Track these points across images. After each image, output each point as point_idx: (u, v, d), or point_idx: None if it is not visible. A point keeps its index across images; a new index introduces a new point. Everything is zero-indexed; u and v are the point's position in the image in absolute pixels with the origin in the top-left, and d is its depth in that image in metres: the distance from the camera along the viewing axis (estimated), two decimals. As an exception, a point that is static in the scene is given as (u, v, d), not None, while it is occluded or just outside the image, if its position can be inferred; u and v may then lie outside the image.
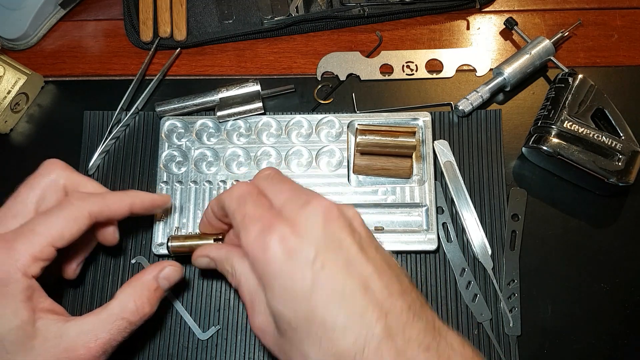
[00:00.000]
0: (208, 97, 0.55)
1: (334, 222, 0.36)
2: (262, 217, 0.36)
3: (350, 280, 0.34)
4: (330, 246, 0.35)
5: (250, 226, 0.36)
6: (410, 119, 0.54)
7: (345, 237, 0.36)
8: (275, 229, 0.35)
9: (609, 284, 0.50)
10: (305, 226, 0.35)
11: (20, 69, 0.55)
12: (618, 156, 0.50)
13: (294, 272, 0.34)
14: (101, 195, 0.43)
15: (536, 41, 0.56)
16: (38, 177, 0.43)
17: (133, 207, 0.44)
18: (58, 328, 0.38)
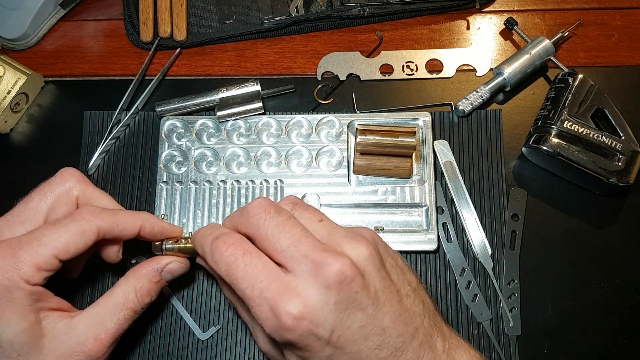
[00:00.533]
0: (208, 97, 0.55)
1: (349, 288, 0.34)
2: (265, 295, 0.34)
3: (365, 342, 0.35)
4: (345, 314, 0.34)
5: (256, 309, 0.35)
6: (410, 119, 0.54)
7: (362, 299, 0.34)
8: (286, 312, 0.33)
9: (609, 284, 0.50)
10: (318, 300, 0.34)
11: (20, 69, 0.55)
12: (618, 156, 0.50)
13: (313, 348, 0.34)
14: (113, 212, 0.42)
15: (536, 41, 0.56)
16: (52, 186, 0.42)
17: (142, 230, 0.43)
18: (66, 324, 0.39)
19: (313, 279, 0.34)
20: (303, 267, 0.34)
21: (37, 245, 0.38)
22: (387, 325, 0.35)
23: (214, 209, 0.52)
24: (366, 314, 0.34)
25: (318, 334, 0.34)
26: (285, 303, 0.33)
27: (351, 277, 0.34)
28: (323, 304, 0.34)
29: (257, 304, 0.34)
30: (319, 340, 0.34)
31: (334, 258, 0.34)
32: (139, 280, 0.42)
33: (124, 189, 0.54)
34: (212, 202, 0.52)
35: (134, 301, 0.41)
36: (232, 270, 0.36)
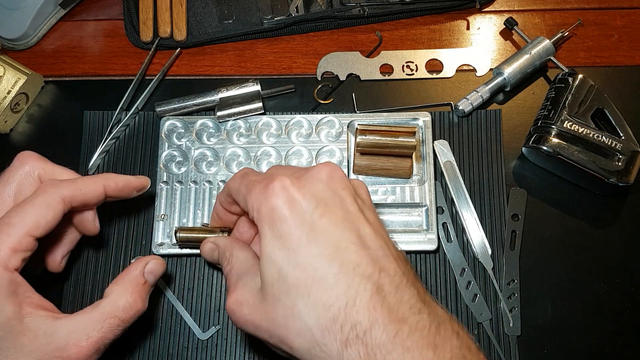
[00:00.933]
0: (208, 97, 0.55)
1: (338, 181, 0.37)
2: (266, 177, 0.38)
3: (347, 233, 0.34)
4: (330, 201, 0.36)
5: (254, 187, 0.37)
6: (410, 119, 0.54)
7: (347, 196, 0.36)
8: (278, 179, 0.36)
9: (609, 284, 0.50)
10: (308, 180, 0.36)
11: (20, 69, 0.55)
12: (618, 156, 0.50)
13: (293, 220, 0.34)
14: (73, 180, 0.42)
15: (536, 41, 0.56)
16: (13, 171, 0.42)
17: (107, 189, 0.43)
18: (48, 325, 0.37)
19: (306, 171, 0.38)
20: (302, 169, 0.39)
21: (8, 228, 0.38)
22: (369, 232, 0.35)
23: (214, 209, 0.52)
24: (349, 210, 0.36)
25: (303, 202, 0.35)
26: (280, 178, 0.36)
27: (340, 175, 0.37)
28: (312, 184, 0.36)
29: (258, 182, 0.37)
30: (303, 210, 0.35)
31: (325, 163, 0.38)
32: (125, 287, 0.41)
33: (124, 189, 0.54)
34: (212, 202, 0.52)
35: (124, 307, 0.40)
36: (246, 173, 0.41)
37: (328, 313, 0.32)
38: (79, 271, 0.51)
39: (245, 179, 0.39)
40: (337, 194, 0.36)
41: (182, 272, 0.51)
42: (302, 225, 0.34)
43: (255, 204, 0.36)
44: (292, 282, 0.34)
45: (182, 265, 0.51)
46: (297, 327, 0.33)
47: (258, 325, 0.36)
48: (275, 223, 0.35)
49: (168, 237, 0.51)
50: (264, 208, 0.36)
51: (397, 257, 0.35)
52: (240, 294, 0.37)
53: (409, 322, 0.32)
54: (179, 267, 0.51)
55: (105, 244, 0.52)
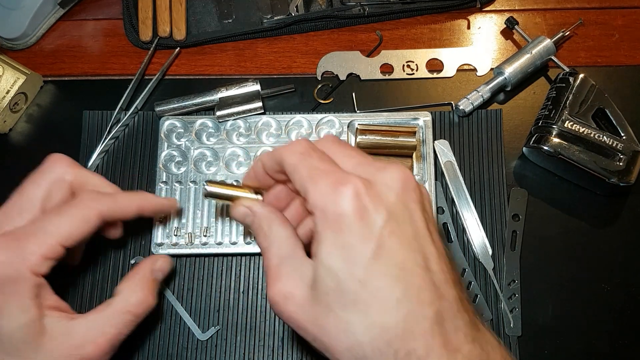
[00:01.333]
0: (208, 97, 0.54)
1: (410, 193, 0.34)
2: (334, 171, 0.34)
3: (414, 254, 0.33)
4: (402, 215, 0.33)
5: (320, 179, 0.33)
6: (410, 118, 0.54)
7: (417, 211, 0.34)
8: (351, 182, 0.33)
9: (609, 284, 0.50)
10: (381, 187, 0.33)
11: (19, 68, 0.55)
12: (619, 156, 0.50)
13: (362, 232, 0.32)
14: (112, 196, 0.43)
15: (537, 41, 0.55)
16: (44, 173, 0.42)
17: (141, 209, 0.44)
18: (64, 325, 0.39)
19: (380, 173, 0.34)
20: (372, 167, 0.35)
21: (43, 235, 0.38)
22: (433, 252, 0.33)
23: (213, 209, 0.52)
24: (418, 228, 0.34)
25: (375, 215, 0.32)
26: (353, 178, 0.33)
27: (413, 185, 0.34)
28: (386, 193, 0.33)
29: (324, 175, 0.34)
30: (374, 223, 0.32)
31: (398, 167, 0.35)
32: (136, 283, 0.43)
33: (123, 188, 0.53)
34: (212, 202, 0.52)
35: (136, 303, 0.42)
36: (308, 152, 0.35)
37: (384, 335, 0.31)
38: (79, 270, 0.51)
39: (308, 161, 0.35)
40: (408, 207, 0.34)
41: (181, 272, 0.51)
42: (370, 240, 0.32)
43: (320, 202, 0.33)
44: (351, 297, 0.32)
45: (181, 265, 0.51)
46: (348, 342, 0.32)
47: (304, 326, 0.34)
48: (341, 231, 0.32)
49: (167, 237, 0.51)
50: (331, 212, 0.33)
51: (455, 281, 0.34)
52: (287, 286, 0.35)
53: (463, 351, 0.31)
54: (178, 267, 0.51)
55: (105, 244, 0.52)
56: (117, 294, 0.42)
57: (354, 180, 0.33)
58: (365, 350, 0.31)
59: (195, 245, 0.51)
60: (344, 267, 0.32)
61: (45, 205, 0.41)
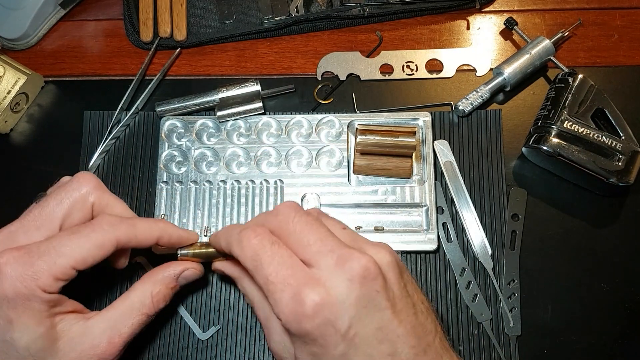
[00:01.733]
0: (208, 97, 0.55)
1: (371, 285, 0.34)
2: (288, 282, 0.34)
3: (379, 346, 0.34)
4: (364, 312, 0.34)
5: (277, 295, 0.34)
6: (410, 119, 0.54)
7: (381, 300, 0.34)
8: (308, 298, 0.33)
9: (609, 284, 0.50)
10: (339, 292, 0.34)
11: (20, 69, 0.55)
12: (618, 156, 0.50)
13: (327, 343, 0.34)
14: (132, 222, 0.41)
15: (536, 41, 0.56)
16: (69, 191, 0.42)
17: (160, 240, 0.43)
18: (81, 326, 0.39)
19: (337, 271, 0.34)
20: (328, 260, 0.35)
21: (56, 256, 0.38)
22: (401, 333, 0.35)
23: (214, 209, 0.52)
24: (384, 317, 0.34)
25: (336, 326, 0.33)
26: (309, 290, 0.33)
27: (374, 274, 0.34)
28: (345, 296, 0.34)
29: (280, 289, 0.34)
30: (336, 333, 0.33)
31: (360, 254, 0.35)
32: (155, 286, 0.42)
33: (124, 189, 0.54)
34: (212, 202, 0.52)
35: (149, 306, 0.42)
36: (259, 256, 0.36)
37: None
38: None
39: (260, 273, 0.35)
40: (370, 299, 0.34)
41: (182, 272, 0.51)
42: (335, 347, 0.34)
43: (284, 319, 0.34)
44: None
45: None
46: None
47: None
48: (306, 344, 0.34)
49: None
50: (296, 331, 0.34)
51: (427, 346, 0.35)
52: (276, 346, 0.38)
53: None
54: (179, 267, 0.51)
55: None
56: (134, 290, 0.42)
57: (311, 294, 0.33)
58: None
59: None
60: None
61: (64, 223, 0.41)
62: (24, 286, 0.37)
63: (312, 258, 0.35)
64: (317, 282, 0.34)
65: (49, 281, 0.37)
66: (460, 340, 0.49)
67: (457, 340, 0.49)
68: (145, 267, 0.51)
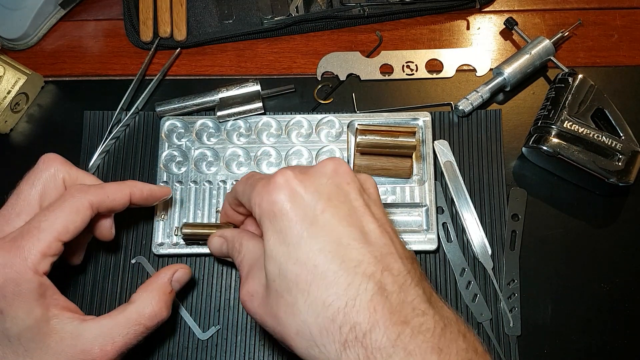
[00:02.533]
0: (208, 97, 0.55)
1: (343, 175, 0.36)
2: (269, 175, 0.37)
3: (350, 229, 0.34)
4: (334, 195, 0.35)
5: (257, 184, 0.37)
6: (410, 119, 0.54)
7: (352, 191, 0.36)
8: (281, 173, 0.35)
9: (609, 284, 0.50)
10: (312, 174, 0.36)
11: (20, 69, 0.55)
12: (618, 156, 0.50)
13: (294, 214, 0.34)
14: (100, 185, 0.43)
15: (536, 41, 0.56)
16: (38, 173, 0.43)
17: (132, 196, 0.44)
18: (74, 327, 0.38)
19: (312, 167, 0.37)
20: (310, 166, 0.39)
21: (38, 233, 0.38)
22: (373, 229, 0.35)
23: (214, 209, 0.52)
24: (354, 205, 0.35)
25: (305, 197, 0.34)
26: (284, 171, 0.36)
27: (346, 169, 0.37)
28: (316, 179, 0.35)
29: (262, 178, 0.37)
30: (305, 205, 0.34)
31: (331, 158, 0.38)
32: (153, 294, 0.42)
33: (124, 189, 0.54)
34: (212, 202, 0.52)
35: (149, 316, 0.41)
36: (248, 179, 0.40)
37: (327, 312, 0.31)
38: (79, 271, 0.51)
39: (251, 179, 0.39)
40: (342, 188, 0.36)
41: (182, 272, 0.51)
42: (304, 220, 0.34)
43: (257, 199, 0.36)
44: (292, 278, 0.33)
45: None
46: (296, 325, 0.33)
47: (264, 320, 0.36)
48: (276, 217, 0.34)
49: (168, 237, 0.51)
50: (265, 202, 0.35)
51: (402, 255, 0.34)
52: (251, 285, 0.37)
53: (412, 324, 0.31)
54: (179, 267, 0.51)
55: (106, 244, 0.52)
56: (132, 302, 0.41)
57: (283, 171, 0.36)
58: (313, 331, 0.32)
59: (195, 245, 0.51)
60: (283, 250, 0.34)
61: (42, 203, 0.42)
62: (14, 271, 0.37)
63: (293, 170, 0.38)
64: (291, 169, 0.36)
65: (37, 259, 0.37)
66: (460, 340, 0.49)
67: (457, 340, 0.49)
68: (145, 267, 0.51)
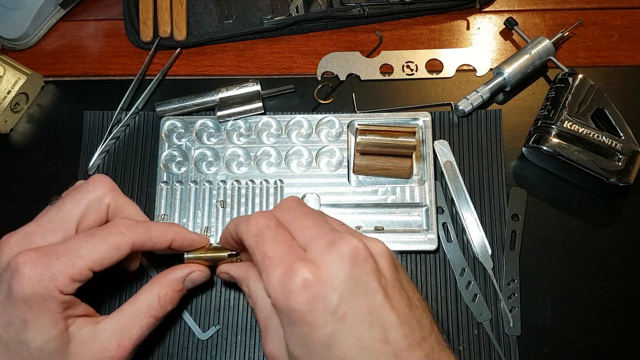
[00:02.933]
0: (208, 97, 0.55)
1: (361, 266, 0.34)
2: (284, 258, 0.35)
3: (370, 330, 0.33)
4: (354, 293, 0.34)
5: (271, 269, 0.35)
6: (410, 119, 0.54)
7: (371, 283, 0.34)
8: (298, 274, 0.34)
9: (609, 284, 0.50)
10: (330, 270, 0.34)
11: (20, 69, 0.55)
12: (618, 156, 0.50)
13: (316, 321, 0.33)
14: (147, 226, 0.42)
15: (536, 41, 0.56)
16: (85, 193, 0.42)
17: (173, 244, 0.44)
18: (90, 330, 0.40)
19: (329, 252, 0.35)
20: (322, 242, 0.35)
21: (74, 257, 0.38)
22: (393, 320, 0.34)
23: (214, 208, 0.52)
24: (375, 300, 0.34)
25: (325, 303, 0.33)
26: (300, 266, 0.34)
27: (364, 256, 0.35)
28: (335, 274, 0.34)
29: (274, 264, 0.35)
30: (324, 310, 0.33)
31: (352, 237, 0.35)
32: (162, 288, 0.43)
33: (124, 189, 0.54)
34: (212, 202, 0.52)
35: (157, 309, 0.42)
36: (262, 233, 0.37)
37: None
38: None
39: (261, 247, 0.37)
40: (361, 281, 0.34)
41: (182, 272, 0.51)
42: (324, 327, 0.33)
43: (272, 295, 0.35)
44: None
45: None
46: None
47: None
48: (295, 324, 0.34)
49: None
50: (284, 307, 0.34)
51: (421, 338, 0.35)
52: (273, 348, 0.38)
53: None
54: (179, 267, 0.51)
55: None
56: (142, 293, 0.43)
57: (301, 270, 0.34)
58: None
59: None
60: (304, 353, 0.34)
61: (80, 225, 0.41)
62: (42, 287, 0.37)
63: (307, 242, 0.36)
64: (310, 261, 0.35)
65: (66, 282, 0.38)
66: (460, 340, 0.49)
67: (457, 340, 0.49)
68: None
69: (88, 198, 0.42)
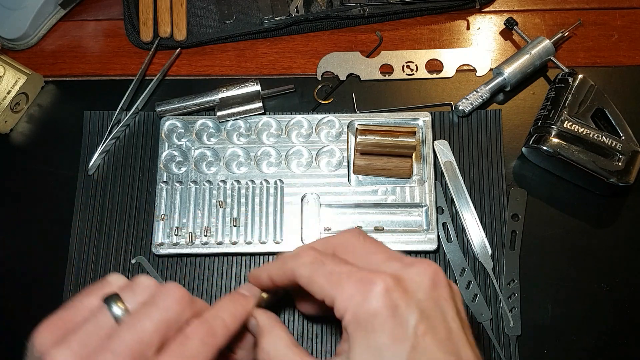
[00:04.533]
0: (208, 97, 0.55)
1: (441, 289, 0.33)
2: (357, 271, 0.33)
3: (447, 356, 0.31)
4: (433, 314, 0.32)
5: (345, 282, 0.32)
6: (410, 119, 0.54)
7: (449, 310, 0.33)
8: (380, 278, 0.31)
9: (609, 284, 0.50)
10: (412, 284, 0.32)
11: (20, 69, 0.55)
12: (618, 156, 0.50)
13: (395, 332, 0.31)
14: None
15: (536, 41, 0.56)
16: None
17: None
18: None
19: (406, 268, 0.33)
20: (397, 263, 0.33)
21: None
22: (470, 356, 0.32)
23: (214, 208, 0.52)
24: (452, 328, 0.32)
25: (407, 314, 0.31)
26: (379, 274, 0.32)
27: (443, 281, 0.33)
28: (416, 288, 0.32)
29: (346, 277, 0.32)
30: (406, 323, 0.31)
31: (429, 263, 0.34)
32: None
33: (124, 189, 0.54)
34: (212, 202, 0.52)
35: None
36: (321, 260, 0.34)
37: None
38: (79, 271, 0.51)
39: (323, 269, 0.34)
40: (439, 305, 0.32)
41: (182, 272, 0.51)
42: (404, 340, 0.31)
43: (349, 305, 0.32)
44: None
45: (182, 265, 0.51)
46: None
47: None
48: (374, 332, 0.31)
49: (168, 237, 0.51)
50: (362, 312, 0.31)
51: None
52: None
53: None
54: (178, 267, 0.51)
55: (106, 244, 0.52)
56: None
57: (382, 276, 0.32)
58: None
59: (195, 245, 0.51)
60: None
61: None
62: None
63: (379, 265, 0.34)
64: (389, 274, 0.32)
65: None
66: (460, 340, 0.49)
67: (457, 340, 0.49)
68: (145, 267, 0.51)
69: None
